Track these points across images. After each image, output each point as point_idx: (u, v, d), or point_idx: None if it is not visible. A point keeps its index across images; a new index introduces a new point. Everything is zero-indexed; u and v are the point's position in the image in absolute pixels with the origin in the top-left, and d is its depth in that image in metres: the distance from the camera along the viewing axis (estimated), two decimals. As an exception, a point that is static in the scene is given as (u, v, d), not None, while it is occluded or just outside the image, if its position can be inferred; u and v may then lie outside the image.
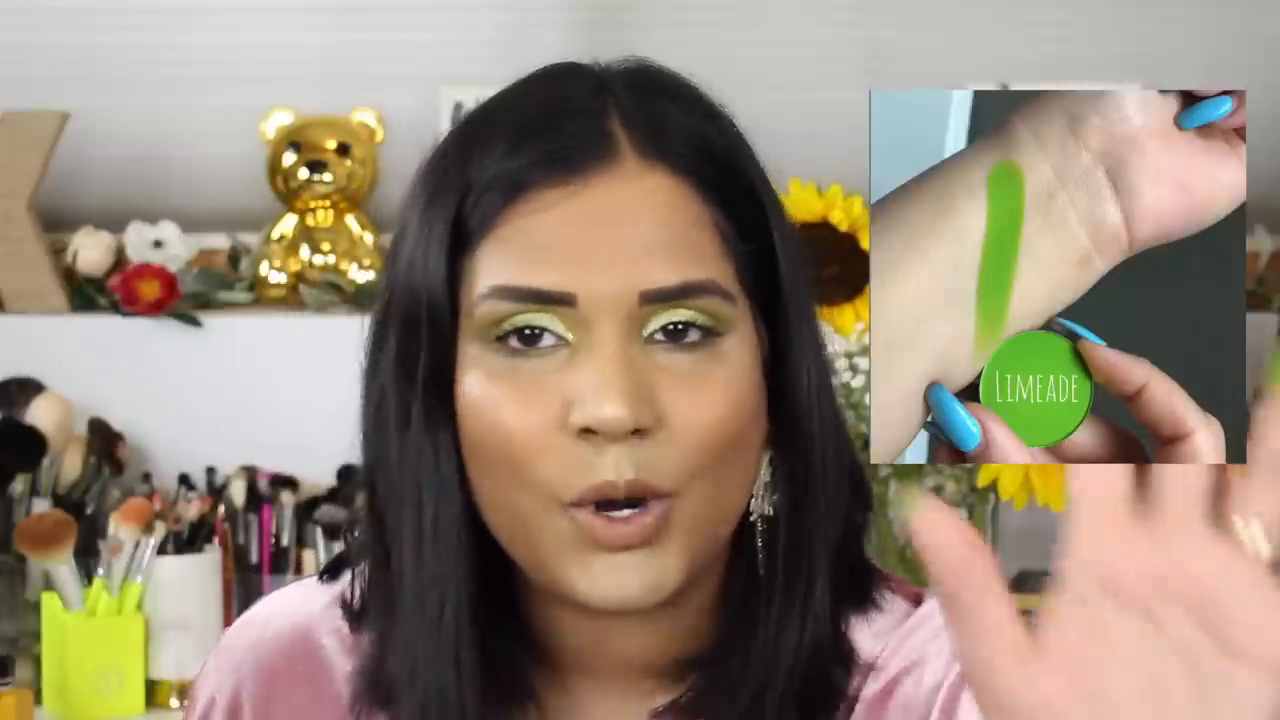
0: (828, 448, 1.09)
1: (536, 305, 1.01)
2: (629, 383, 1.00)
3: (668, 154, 1.04)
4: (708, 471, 1.03)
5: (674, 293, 1.02)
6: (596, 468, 1.00)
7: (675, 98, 1.08)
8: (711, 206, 1.05)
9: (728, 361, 1.04)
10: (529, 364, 1.02)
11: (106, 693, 2.50)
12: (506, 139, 1.04)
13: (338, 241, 3.21)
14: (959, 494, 2.33)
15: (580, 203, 1.02)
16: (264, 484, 2.92)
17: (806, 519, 1.08)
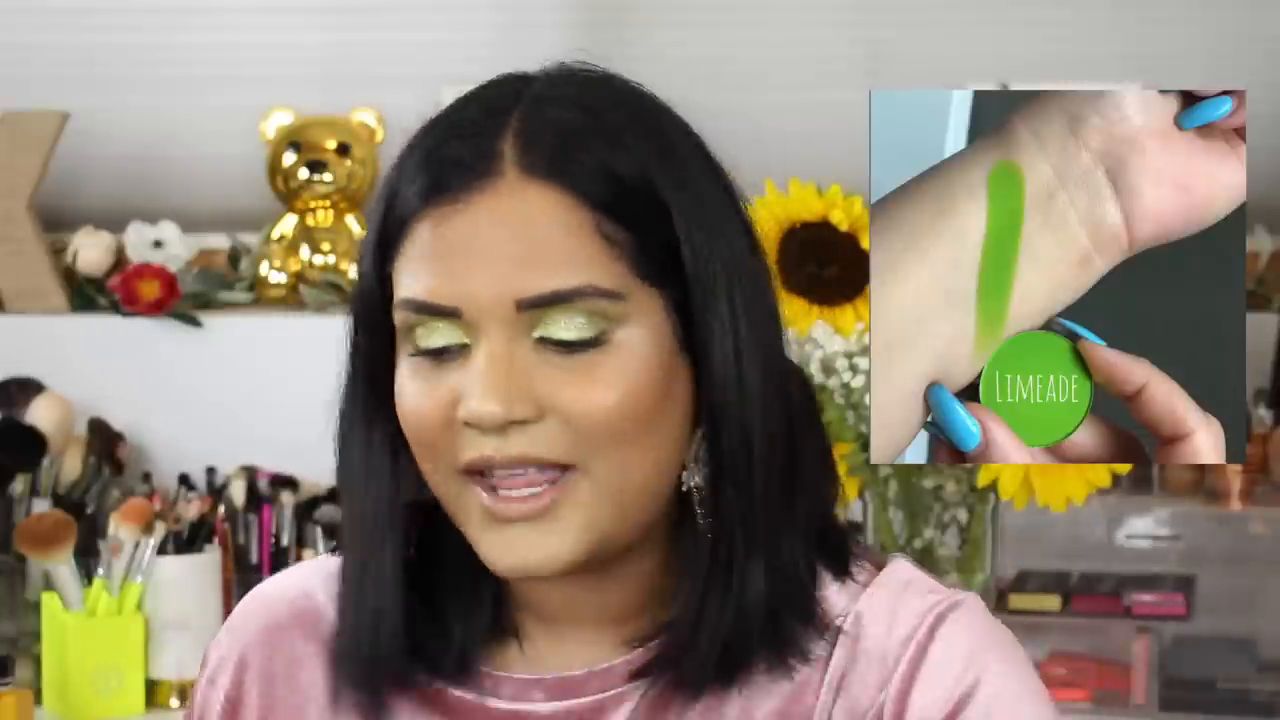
0: (766, 424, 1.13)
1: (430, 316, 1.10)
2: (504, 380, 1.09)
3: (550, 168, 1.10)
4: (607, 450, 1.09)
5: (547, 299, 1.09)
6: (479, 447, 1.10)
7: (583, 108, 1.13)
8: (596, 212, 1.10)
9: (620, 353, 1.10)
10: (438, 364, 1.11)
11: (106, 693, 2.50)
12: (417, 157, 1.13)
13: (338, 241, 3.21)
14: (959, 494, 2.33)
15: (465, 219, 1.10)
16: (264, 484, 2.91)
17: (734, 489, 1.13)
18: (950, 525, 2.34)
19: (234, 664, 1.24)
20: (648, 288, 1.11)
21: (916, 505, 2.32)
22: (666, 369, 1.11)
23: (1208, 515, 2.77)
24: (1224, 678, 2.61)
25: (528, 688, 1.16)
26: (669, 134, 1.14)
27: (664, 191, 1.11)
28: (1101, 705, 2.60)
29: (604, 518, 1.10)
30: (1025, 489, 2.17)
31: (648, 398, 1.10)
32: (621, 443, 1.09)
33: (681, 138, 1.14)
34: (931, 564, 2.34)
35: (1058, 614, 2.67)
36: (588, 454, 1.09)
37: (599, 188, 1.10)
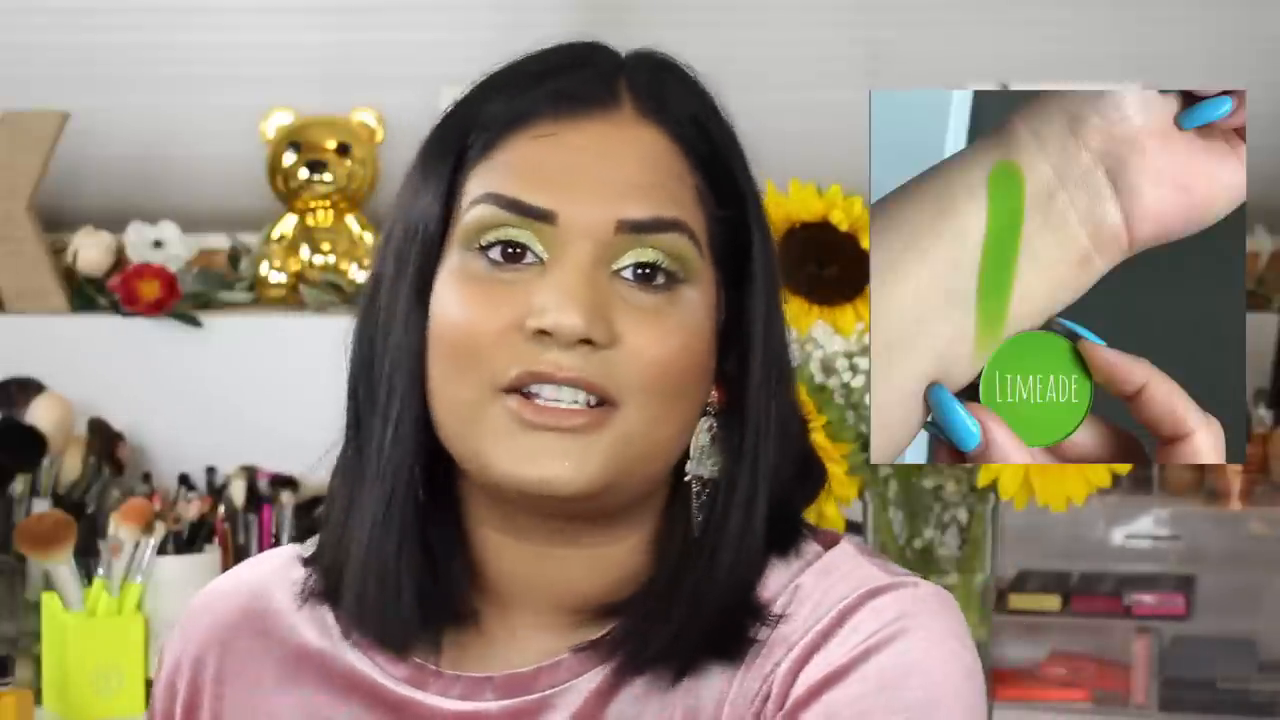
0: (775, 426, 1.14)
1: (519, 218, 1.10)
2: (590, 299, 1.09)
3: (663, 117, 1.13)
4: (653, 397, 1.10)
5: (647, 225, 1.10)
6: (539, 359, 1.08)
7: (681, 79, 1.17)
8: (694, 171, 1.13)
9: (685, 307, 1.11)
10: (504, 274, 1.10)
11: (106, 693, 2.50)
12: (521, 82, 1.15)
13: (338, 241, 3.21)
14: (959, 494, 2.33)
15: (575, 136, 1.12)
16: (264, 484, 2.91)
17: (745, 488, 1.14)
18: (950, 525, 2.34)
19: (190, 664, 1.23)
20: (712, 261, 1.13)
21: (916, 505, 2.32)
22: (709, 342, 1.13)
23: (1208, 515, 2.77)
24: (1224, 678, 2.61)
25: (479, 686, 1.15)
26: (729, 119, 1.17)
27: (737, 170, 1.16)
28: (1101, 705, 2.60)
29: (627, 460, 1.10)
30: (1025, 489, 2.17)
31: (696, 361, 1.12)
32: (665, 393, 1.10)
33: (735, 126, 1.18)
34: (931, 564, 2.34)
35: (1058, 614, 2.67)
36: (632, 395, 1.09)
37: (698, 142, 1.14)
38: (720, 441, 1.14)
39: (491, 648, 1.17)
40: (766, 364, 1.14)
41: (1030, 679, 2.61)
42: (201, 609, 1.25)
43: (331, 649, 1.19)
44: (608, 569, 1.15)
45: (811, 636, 1.11)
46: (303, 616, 1.20)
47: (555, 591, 1.15)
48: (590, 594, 1.15)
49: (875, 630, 1.09)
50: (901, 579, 1.12)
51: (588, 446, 1.09)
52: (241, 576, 1.25)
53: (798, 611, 1.12)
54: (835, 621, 1.10)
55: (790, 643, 1.11)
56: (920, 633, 1.09)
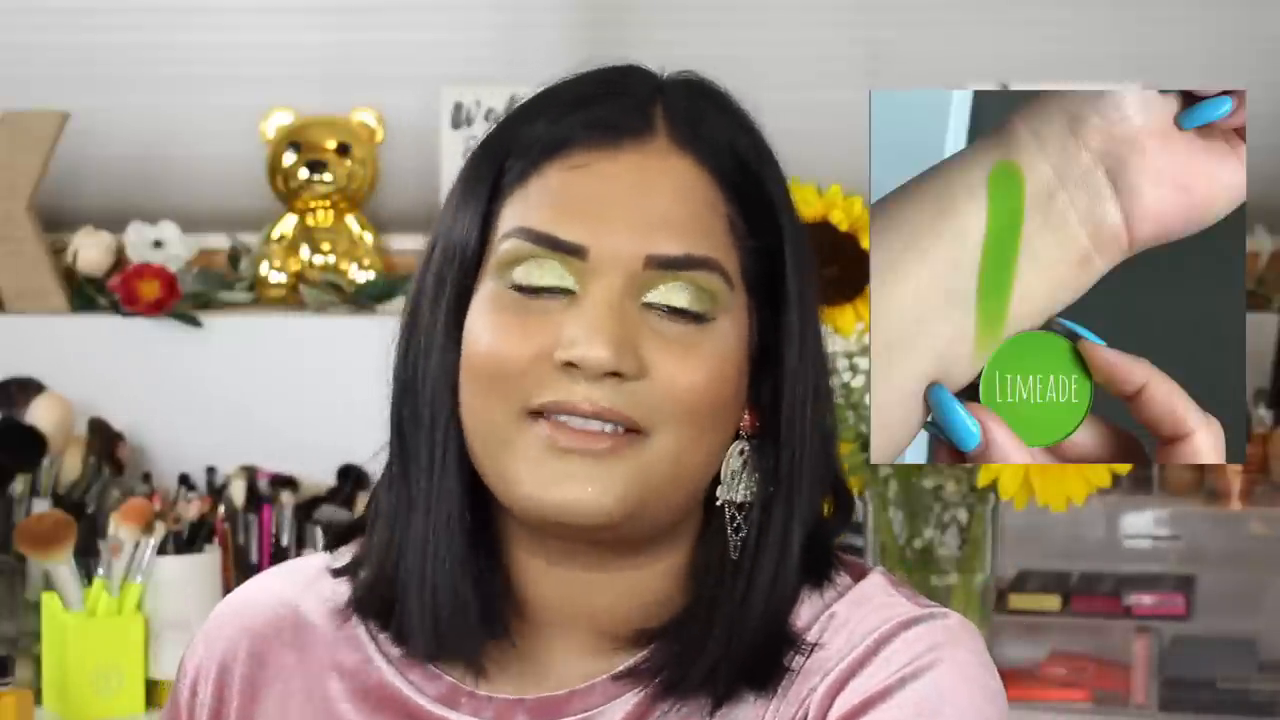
0: (810, 450, 1.15)
1: (550, 251, 1.11)
2: (619, 331, 1.09)
3: (698, 146, 1.14)
4: (683, 427, 1.11)
5: (678, 262, 1.11)
6: (569, 391, 1.10)
7: (718, 105, 1.17)
8: (728, 201, 1.13)
9: (715, 338, 1.12)
10: (534, 303, 1.11)
11: (106, 693, 2.50)
12: (558, 108, 1.14)
13: (338, 241, 3.21)
14: (959, 494, 2.33)
15: (609, 167, 1.12)
16: (264, 484, 2.91)
17: (781, 513, 1.14)
18: (950, 525, 2.34)
19: (215, 672, 1.22)
20: (746, 291, 1.14)
21: (916, 505, 2.32)
22: (741, 371, 1.14)
23: (1208, 515, 2.77)
24: (1224, 678, 2.61)
25: (511, 708, 1.16)
26: (769, 147, 1.18)
27: (775, 199, 1.16)
28: (1101, 705, 2.60)
29: (654, 486, 1.11)
30: (1025, 489, 2.17)
31: (726, 389, 1.12)
32: (693, 423, 1.11)
33: (775, 153, 1.18)
34: (931, 564, 2.34)
35: (1058, 614, 2.67)
36: (662, 424, 1.10)
37: (733, 173, 1.14)
38: (753, 466, 1.15)
39: (525, 670, 1.17)
40: (802, 388, 1.15)
41: (1030, 679, 2.61)
42: (228, 616, 1.24)
43: (365, 665, 1.18)
44: (642, 594, 1.16)
45: (847, 663, 1.12)
46: (335, 630, 1.20)
47: (589, 615, 1.16)
48: (625, 619, 1.15)
49: (910, 660, 1.11)
50: (932, 610, 1.14)
51: (612, 472, 1.10)
52: (269, 586, 1.25)
53: (832, 640, 1.14)
54: (871, 650, 1.12)
55: (825, 669, 1.13)
56: (953, 663, 1.12)
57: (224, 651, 1.22)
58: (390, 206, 3.25)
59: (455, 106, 3.18)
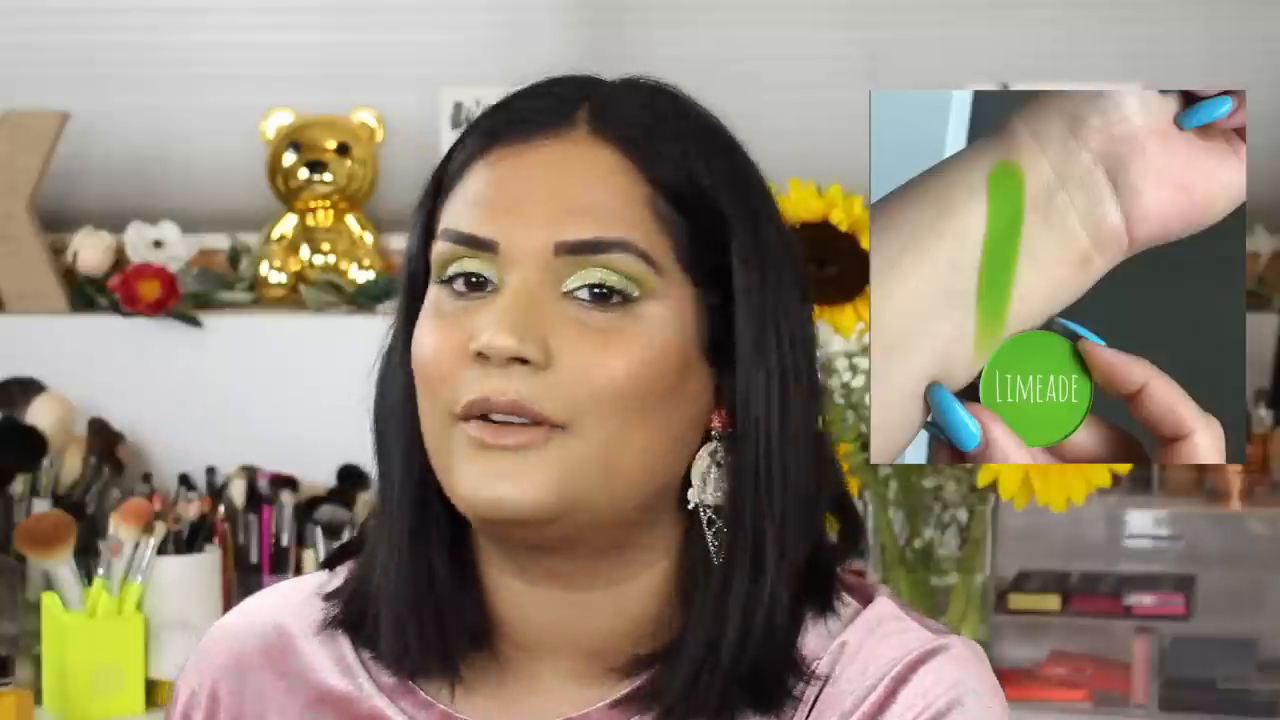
0: (782, 447, 1.12)
1: (469, 250, 1.11)
2: (522, 318, 1.09)
3: (620, 136, 1.12)
4: (605, 419, 1.09)
5: (588, 245, 1.09)
6: (481, 385, 1.09)
7: (660, 104, 1.15)
8: (653, 188, 1.11)
9: (642, 323, 1.10)
10: (463, 303, 1.11)
11: (106, 693, 2.50)
12: (490, 115, 1.15)
13: (338, 241, 3.21)
14: (959, 494, 2.33)
15: (525, 159, 1.12)
16: (264, 484, 2.91)
17: (754, 517, 1.12)
18: (950, 525, 2.34)
19: (206, 699, 1.22)
20: (687, 280, 1.12)
21: (916, 505, 2.32)
22: (682, 361, 1.11)
23: (1208, 515, 2.77)
24: (1224, 678, 2.61)
25: None
26: (738, 155, 1.16)
27: (722, 194, 1.13)
28: (1101, 705, 2.60)
29: (586, 482, 1.09)
30: (1025, 489, 2.17)
31: (659, 376, 1.10)
32: (619, 414, 1.09)
33: (749, 165, 1.16)
34: (931, 564, 2.34)
35: (1058, 614, 2.66)
36: (582, 416, 1.08)
37: (663, 168, 1.12)
38: (726, 466, 1.13)
39: (518, 697, 1.16)
40: (761, 381, 1.12)
41: (1030, 679, 2.60)
42: (218, 641, 1.24)
43: (355, 691, 1.18)
44: (626, 612, 1.14)
45: (867, 707, 1.12)
46: (324, 656, 1.19)
47: (575, 638, 1.14)
48: (614, 642, 1.14)
49: (929, 703, 1.11)
50: (941, 641, 1.14)
51: (533, 467, 1.08)
52: (262, 608, 1.24)
53: (844, 672, 1.13)
54: (888, 692, 1.12)
55: (842, 709, 1.12)
56: (971, 699, 1.12)
57: (214, 678, 1.22)
58: (390, 206, 3.25)
59: (455, 106, 3.18)
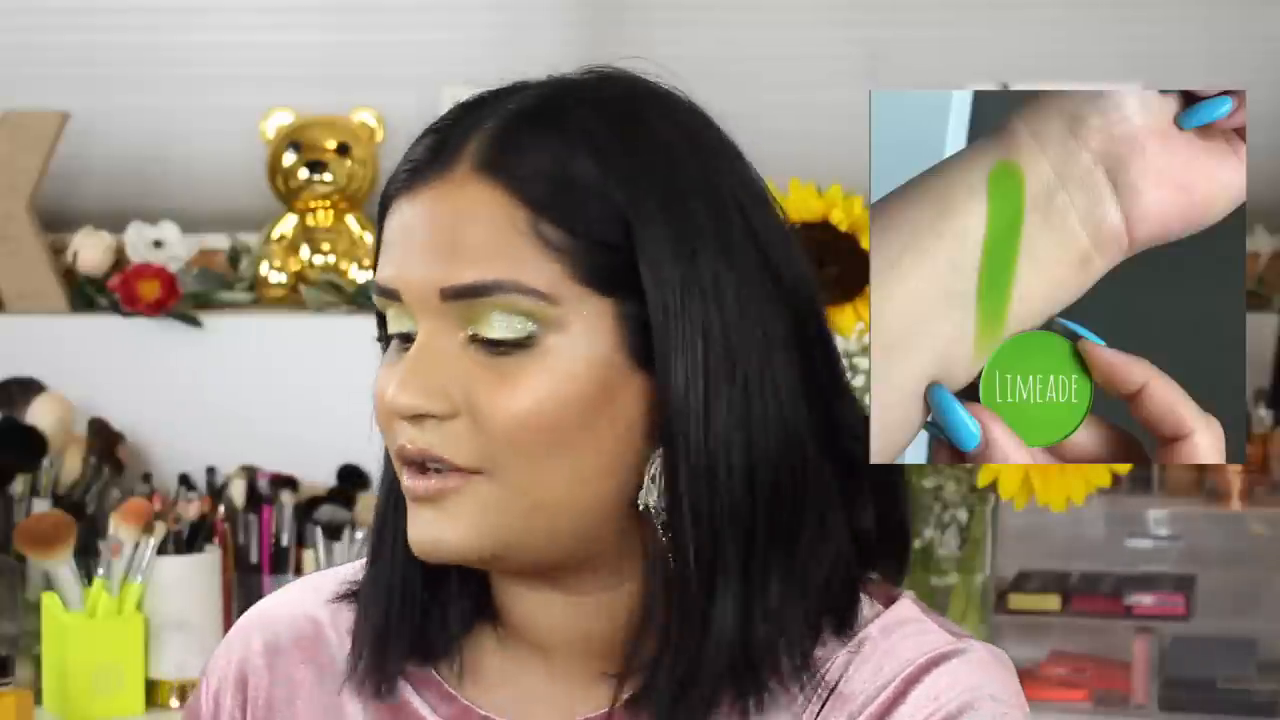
0: (732, 447, 1.10)
1: (386, 299, 1.12)
2: (423, 372, 1.09)
3: (497, 165, 1.10)
4: (515, 458, 1.09)
5: (468, 290, 1.08)
6: (399, 437, 1.11)
7: (561, 110, 1.11)
8: (535, 212, 1.09)
9: (547, 359, 1.09)
10: (405, 347, 1.12)
11: (106, 693, 2.50)
12: (406, 155, 1.15)
13: (338, 241, 3.21)
14: (959, 494, 2.33)
15: (414, 207, 1.11)
16: (264, 484, 2.91)
17: (693, 517, 1.10)
18: (950, 525, 2.34)
19: (235, 681, 1.23)
20: (594, 295, 1.09)
21: (916, 505, 2.32)
22: (604, 381, 1.09)
23: (1208, 515, 2.77)
24: (1224, 678, 2.61)
25: None
26: (661, 148, 1.11)
27: (625, 204, 1.09)
28: (1101, 705, 2.60)
29: (510, 521, 1.09)
30: (1025, 489, 2.17)
31: (573, 408, 1.08)
32: (533, 452, 1.08)
33: (682, 153, 1.11)
34: (931, 564, 2.34)
35: (1058, 614, 2.67)
36: (495, 459, 1.08)
37: (542, 188, 1.09)
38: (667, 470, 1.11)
39: (534, 693, 1.17)
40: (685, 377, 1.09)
41: (1030, 679, 2.61)
42: (251, 627, 1.24)
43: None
44: (622, 613, 1.14)
45: (876, 707, 1.11)
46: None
47: (580, 638, 1.15)
48: (614, 640, 1.14)
49: (940, 705, 1.10)
50: (963, 644, 1.13)
51: (456, 513, 1.10)
52: (294, 598, 1.25)
53: (858, 671, 1.12)
54: (900, 690, 1.11)
55: (853, 708, 1.11)
56: (988, 703, 1.11)
57: (243, 661, 1.23)
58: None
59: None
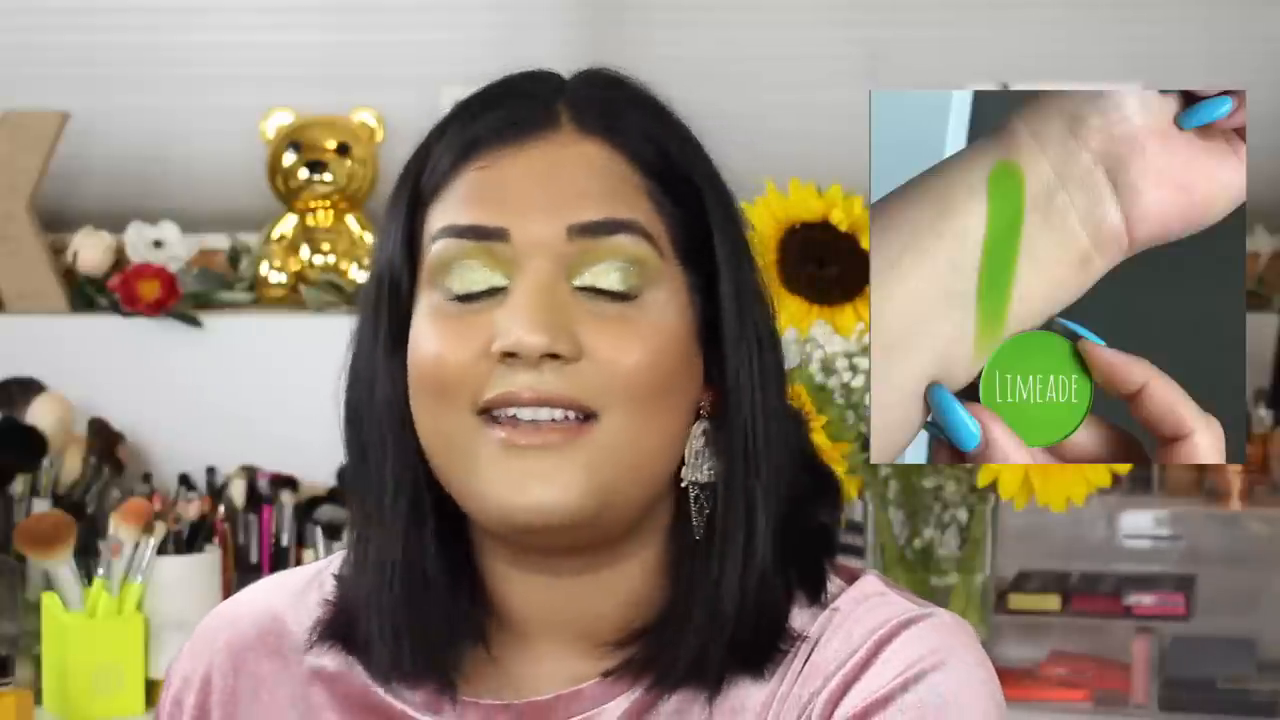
0: (766, 427, 1.14)
1: (475, 243, 1.11)
2: (549, 313, 1.09)
3: (606, 129, 1.14)
4: (633, 405, 1.10)
5: (601, 226, 1.11)
6: (509, 382, 1.09)
7: (626, 94, 1.17)
8: (644, 176, 1.13)
9: (650, 312, 1.12)
10: (469, 307, 1.11)
11: (106, 693, 2.50)
12: (465, 117, 1.15)
13: (338, 241, 3.21)
14: (959, 494, 2.33)
15: (519, 160, 1.12)
16: (264, 484, 2.91)
17: (742, 489, 1.13)
18: (950, 525, 2.34)
19: (199, 683, 1.23)
20: (678, 262, 1.13)
21: (916, 505, 2.32)
22: (686, 343, 1.13)
23: (1208, 515, 2.77)
24: (1224, 678, 2.61)
25: (495, 714, 1.16)
26: (693, 135, 1.17)
27: (697, 176, 1.15)
28: (1101, 705, 2.60)
29: (614, 473, 1.10)
30: (1025, 489, 2.17)
31: (672, 362, 1.12)
32: (644, 400, 1.10)
33: (697, 137, 1.18)
34: (931, 564, 2.34)
35: (1058, 614, 2.67)
36: (612, 403, 1.10)
37: (648, 153, 1.13)
38: (713, 445, 1.14)
39: (511, 675, 1.17)
40: (746, 362, 1.14)
41: (1030, 679, 2.60)
42: (214, 628, 1.25)
43: (348, 671, 1.19)
44: (623, 592, 1.15)
45: (849, 668, 1.12)
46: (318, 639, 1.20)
47: (572, 619, 1.15)
48: (609, 618, 1.15)
49: (912, 662, 1.11)
50: (929, 610, 1.14)
51: (573, 463, 1.09)
52: (256, 598, 1.25)
53: (832, 638, 1.14)
54: (871, 652, 1.12)
55: (827, 672, 1.13)
56: (955, 665, 1.12)
57: (208, 663, 1.23)
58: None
59: (455, 106, 3.18)
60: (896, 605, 1.15)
